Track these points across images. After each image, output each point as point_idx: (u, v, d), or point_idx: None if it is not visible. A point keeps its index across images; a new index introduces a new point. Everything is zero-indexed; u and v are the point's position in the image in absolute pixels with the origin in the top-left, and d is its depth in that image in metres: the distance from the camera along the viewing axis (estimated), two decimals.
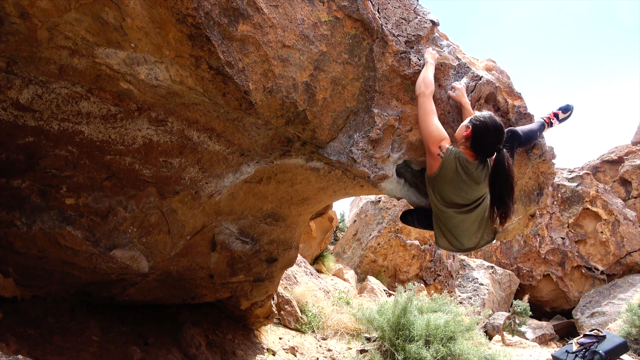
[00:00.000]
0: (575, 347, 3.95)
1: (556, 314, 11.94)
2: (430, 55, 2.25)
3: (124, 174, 2.26)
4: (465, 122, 2.15)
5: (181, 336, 3.35)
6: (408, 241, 9.70)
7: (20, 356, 1.66)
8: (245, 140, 2.34)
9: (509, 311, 9.07)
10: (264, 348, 4.00)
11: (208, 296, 3.51)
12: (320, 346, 4.62)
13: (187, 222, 2.65)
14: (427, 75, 2.17)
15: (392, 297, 6.48)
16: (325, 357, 4.33)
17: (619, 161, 12.95)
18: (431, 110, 2.13)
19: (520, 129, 2.41)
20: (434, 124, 2.11)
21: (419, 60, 2.25)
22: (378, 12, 2.15)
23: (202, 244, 2.91)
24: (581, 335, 4.13)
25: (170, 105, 2.08)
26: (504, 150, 2.07)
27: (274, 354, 3.99)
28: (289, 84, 1.97)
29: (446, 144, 2.10)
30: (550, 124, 2.62)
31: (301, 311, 5.14)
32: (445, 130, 2.17)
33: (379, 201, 10.12)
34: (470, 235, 2.28)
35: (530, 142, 2.53)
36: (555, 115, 2.65)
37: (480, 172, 2.12)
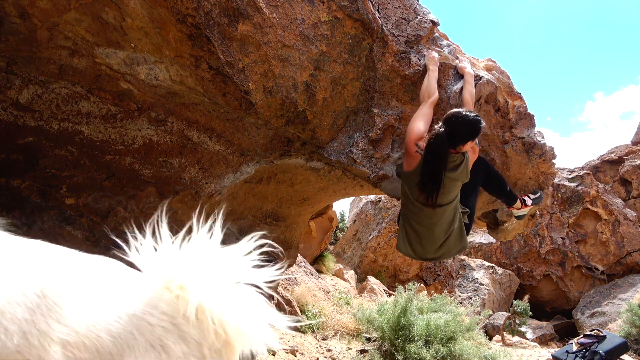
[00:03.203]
0: (575, 347, 3.95)
1: (556, 314, 11.93)
2: (431, 61, 2.24)
3: (124, 174, 2.26)
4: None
5: None
6: None
7: None
8: (245, 140, 2.34)
9: (509, 311, 9.06)
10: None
11: None
12: (320, 346, 4.62)
13: (187, 222, 2.65)
14: (430, 84, 2.18)
15: (392, 297, 6.48)
16: (325, 357, 4.33)
17: (619, 161, 12.96)
18: (422, 114, 2.14)
19: (492, 167, 2.45)
20: (416, 125, 2.11)
21: (419, 60, 2.25)
22: (378, 12, 2.15)
23: None
24: (581, 335, 4.13)
25: (170, 105, 2.08)
26: (442, 131, 1.99)
27: (274, 354, 3.99)
28: (289, 84, 1.97)
29: (423, 143, 2.08)
30: (523, 202, 2.65)
31: (301, 311, 5.14)
32: None
33: (379, 201, 10.12)
34: (438, 243, 2.21)
35: (495, 189, 2.54)
36: (528, 196, 2.70)
37: (457, 163, 2.10)
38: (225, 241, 1.06)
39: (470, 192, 2.32)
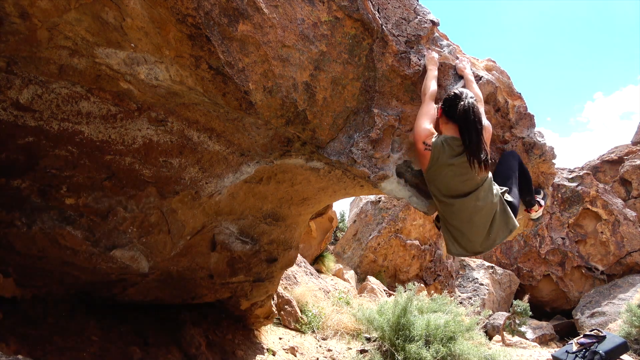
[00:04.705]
0: (575, 347, 3.94)
1: (556, 314, 11.94)
2: (431, 61, 2.24)
3: (124, 174, 2.26)
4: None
5: (181, 336, 3.35)
6: (408, 241, 9.71)
7: (20, 356, 1.66)
8: (245, 140, 2.34)
9: (509, 311, 9.07)
10: (264, 348, 4.00)
11: (208, 296, 3.51)
12: (320, 346, 4.62)
13: (187, 222, 2.65)
14: (426, 84, 2.20)
15: (392, 297, 6.48)
16: (325, 357, 4.33)
17: (619, 161, 12.97)
18: (424, 112, 2.16)
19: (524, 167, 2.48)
20: (421, 124, 2.13)
21: (419, 60, 2.25)
22: (378, 12, 2.15)
23: (202, 244, 2.91)
24: (581, 336, 4.13)
25: (170, 105, 2.08)
26: (466, 101, 2.06)
27: (274, 354, 3.99)
28: (289, 84, 1.97)
29: (431, 139, 2.10)
30: (538, 203, 2.70)
31: (301, 311, 5.14)
32: None
33: (379, 201, 10.13)
34: (483, 231, 2.15)
35: (522, 188, 2.53)
36: (539, 203, 2.74)
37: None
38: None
39: (508, 176, 2.32)
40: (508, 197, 2.24)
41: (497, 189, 2.19)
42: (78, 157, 2.11)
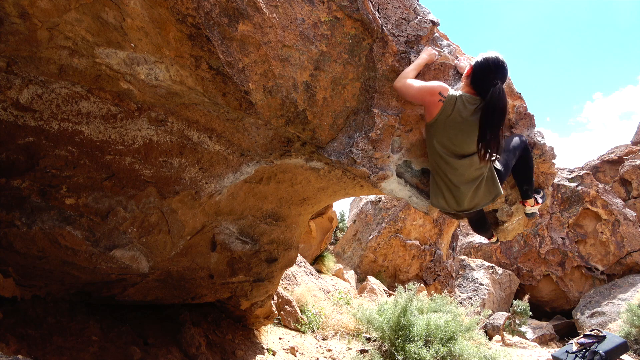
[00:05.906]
0: (575, 347, 3.95)
1: (556, 314, 11.95)
2: (425, 51, 2.23)
3: (124, 174, 2.26)
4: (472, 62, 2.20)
5: (181, 336, 3.35)
6: (408, 241, 9.71)
7: (20, 356, 1.66)
8: (245, 140, 2.34)
9: (509, 311, 9.07)
10: (264, 348, 4.00)
11: (208, 296, 3.51)
12: (320, 346, 4.62)
13: (187, 222, 2.65)
14: (408, 67, 2.16)
15: (392, 297, 6.48)
16: (325, 357, 4.33)
17: (619, 161, 12.98)
18: (412, 78, 2.12)
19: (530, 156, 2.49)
20: (434, 82, 2.12)
21: None
22: (378, 12, 2.15)
23: (202, 244, 2.91)
24: (581, 336, 4.13)
25: (170, 105, 2.08)
26: (500, 85, 2.05)
27: (274, 354, 3.99)
28: (289, 84, 1.97)
29: (447, 92, 2.09)
30: (535, 200, 2.72)
31: (301, 311, 5.14)
32: None
33: (379, 201, 10.13)
34: (468, 193, 2.23)
35: (523, 172, 2.55)
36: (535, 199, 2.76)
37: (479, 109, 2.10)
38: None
39: (505, 149, 2.34)
40: (497, 165, 2.29)
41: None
42: (78, 157, 2.11)
